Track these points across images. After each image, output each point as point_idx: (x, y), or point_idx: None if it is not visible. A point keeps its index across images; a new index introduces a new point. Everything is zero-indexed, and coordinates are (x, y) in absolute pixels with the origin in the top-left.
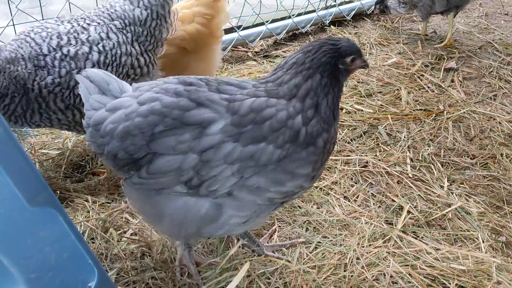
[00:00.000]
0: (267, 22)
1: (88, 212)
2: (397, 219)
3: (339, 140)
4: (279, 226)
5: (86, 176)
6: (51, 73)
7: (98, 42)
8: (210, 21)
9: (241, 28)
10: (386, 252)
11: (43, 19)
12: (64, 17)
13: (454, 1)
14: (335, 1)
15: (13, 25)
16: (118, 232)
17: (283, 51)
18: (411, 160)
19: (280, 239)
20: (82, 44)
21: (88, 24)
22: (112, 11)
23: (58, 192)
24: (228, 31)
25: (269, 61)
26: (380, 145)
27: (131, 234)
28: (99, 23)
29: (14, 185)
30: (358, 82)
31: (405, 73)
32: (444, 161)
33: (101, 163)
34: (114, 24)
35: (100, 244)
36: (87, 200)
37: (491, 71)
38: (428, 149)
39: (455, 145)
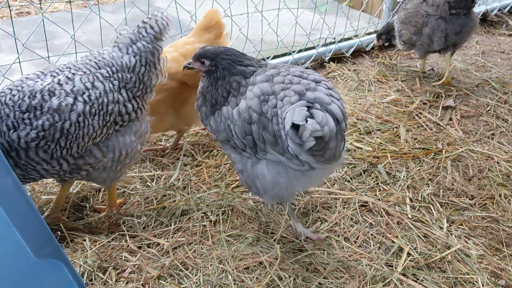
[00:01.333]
0: (267, 58)
1: (87, 252)
2: (397, 261)
3: (338, 178)
4: (280, 267)
5: (86, 214)
6: (34, 127)
7: (83, 92)
8: None
9: None
10: None
11: (48, 56)
12: (50, 68)
13: (452, 39)
14: (334, 38)
15: (19, 62)
16: (117, 271)
17: None
18: (411, 200)
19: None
20: (66, 96)
21: (73, 74)
22: (99, 59)
23: (59, 232)
24: None
25: None
26: (380, 184)
27: (130, 273)
28: (85, 72)
29: (21, 236)
30: (357, 119)
31: (404, 111)
32: (443, 201)
33: (102, 199)
34: (100, 72)
35: (98, 286)
36: (86, 240)
37: (489, 110)
38: (427, 189)
39: (454, 185)
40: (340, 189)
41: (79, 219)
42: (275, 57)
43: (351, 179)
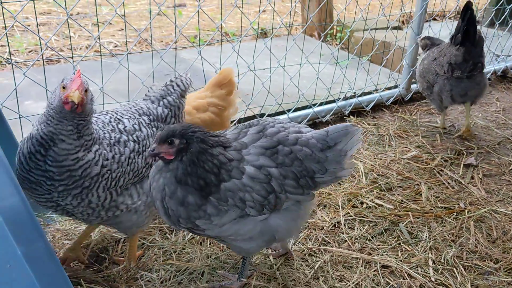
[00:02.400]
0: (288, 111)
1: None
2: None
3: (360, 237)
4: None
5: (105, 266)
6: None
7: (132, 133)
8: (222, 111)
9: (264, 116)
10: None
11: None
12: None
13: (459, 100)
14: (354, 93)
15: None
16: None
17: None
18: (433, 262)
19: None
20: (121, 133)
21: (121, 116)
22: (138, 108)
23: (79, 286)
24: (251, 119)
25: None
26: (402, 244)
27: None
28: (130, 117)
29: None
30: (378, 175)
31: (425, 168)
32: (467, 264)
33: (121, 250)
34: (143, 119)
35: None
36: None
37: (511, 169)
38: (450, 251)
39: (477, 247)
40: (361, 248)
41: (98, 271)
42: (296, 109)
43: (372, 238)
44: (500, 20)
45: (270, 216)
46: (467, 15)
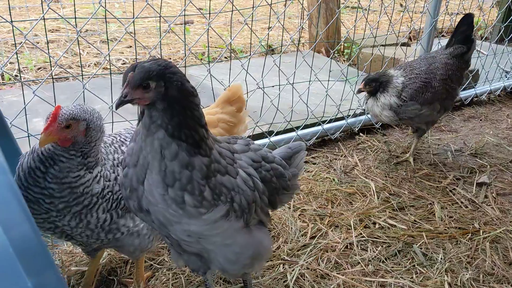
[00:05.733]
0: (297, 128)
1: None
2: None
3: (373, 259)
4: None
5: None
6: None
7: None
8: (232, 128)
9: (273, 134)
10: None
11: None
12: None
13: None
14: (364, 109)
15: None
16: None
17: (312, 157)
18: (449, 285)
19: None
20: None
21: (125, 139)
22: None
23: None
24: (259, 136)
25: None
26: (416, 266)
27: None
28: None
29: None
30: (390, 194)
31: (437, 186)
32: (484, 287)
33: (130, 272)
34: None
35: None
36: None
37: None
38: (466, 274)
39: (494, 269)
40: (374, 271)
41: None
42: (305, 126)
43: (386, 259)
44: (510, 37)
45: (251, 228)
46: None
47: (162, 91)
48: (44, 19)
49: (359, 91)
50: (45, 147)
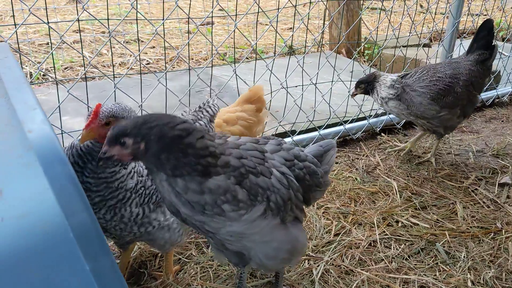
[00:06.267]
0: (320, 127)
1: None
2: None
3: (396, 256)
4: None
5: (145, 281)
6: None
7: None
8: (251, 126)
9: (296, 133)
10: None
11: None
12: None
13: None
14: (385, 110)
15: None
16: None
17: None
18: (472, 283)
19: None
20: None
21: None
22: None
23: None
24: (282, 135)
25: None
26: (439, 264)
27: None
28: None
29: None
30: (412, 193)
31: (459, 186)
32: (507, 285)
33: (159, 265)
34: None
35: None
36: None
37: None
38: (489, 272)
39: None
40: (398, 268)
41: (138, 286)
42: (327, 126)
43: (409, 257)
44: None
45: (287, 225)
46: None
47: (142, 147)
48: (78, 20)
49: (353, 94)
50: (84, 144)
